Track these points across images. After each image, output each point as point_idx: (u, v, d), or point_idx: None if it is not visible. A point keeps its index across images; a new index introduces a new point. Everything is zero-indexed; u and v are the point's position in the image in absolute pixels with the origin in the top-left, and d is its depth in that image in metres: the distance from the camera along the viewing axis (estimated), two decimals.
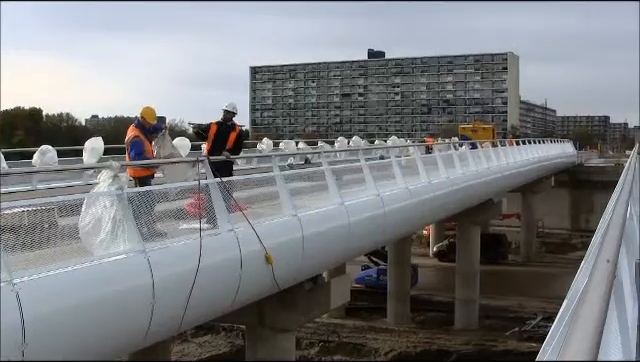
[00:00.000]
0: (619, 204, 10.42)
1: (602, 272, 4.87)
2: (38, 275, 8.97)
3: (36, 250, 9.65)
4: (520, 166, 46.24)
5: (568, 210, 73.83)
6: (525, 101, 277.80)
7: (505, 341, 36.50)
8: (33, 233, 9.87)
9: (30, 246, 9.54)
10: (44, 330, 8.75)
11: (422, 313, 42.12)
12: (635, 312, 9.68)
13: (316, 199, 18.13)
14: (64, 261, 9.67)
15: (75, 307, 9.41)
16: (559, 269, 48.68)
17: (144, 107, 15.37)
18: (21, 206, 10.63)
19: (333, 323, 38.73)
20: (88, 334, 9.71)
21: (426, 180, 25.66)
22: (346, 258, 22.79)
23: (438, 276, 52.47)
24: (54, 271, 9.25)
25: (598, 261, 5.21)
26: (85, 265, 9.82)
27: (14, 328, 8.30)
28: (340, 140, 46.55)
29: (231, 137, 16.81)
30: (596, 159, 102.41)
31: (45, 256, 9.62)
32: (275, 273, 14.07)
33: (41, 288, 8.94)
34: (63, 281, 9.33)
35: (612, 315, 5.68)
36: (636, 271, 12.32)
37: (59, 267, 9.40)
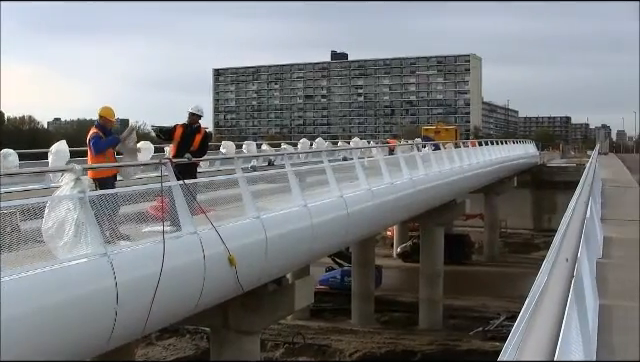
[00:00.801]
0: (579, 204, 10.54)
1: (561, 271, 4.93)
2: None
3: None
4: (483, 167, 46.47)
5: (530, 210, 74.36)
6: (488, 102, 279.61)
7: (469, 341, 36.66)
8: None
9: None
10: (5, 334, 8.68)
11: (386, 314, 42.16)
12: (596, 310, 9.81)
13: (279, 201, 18.14)
14: (26, 265, 9.61)
15: (37, 311, 9.35)
16: (522, 269, 48.95)
17: (103, 106, 15.29)
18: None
19: (298, 325, 38.68)
20: (50, 338, 9.66)
21: (389, 181, 25.74)
22: (310, 259, 22.80)
23: (402, 277, 52.58)
24: (16, 275, 9.19)
25: (557, 260, 5.28)
26: (47, 269, 9.76)
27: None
28: (303, 142, 46.55)
29: (196, 139, 16.78)
30: (558, 159, 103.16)
31: (7, 260, 9.54)
32: (239, 275, 14.07)
33: (2, 293, 8.86)
34: (25, 285, 9.27)
35: (573, 313, 5.75)
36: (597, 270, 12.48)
37: (21, 271, 9.34)
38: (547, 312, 3.68)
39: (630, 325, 9.93)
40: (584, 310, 6.94)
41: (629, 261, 14.99)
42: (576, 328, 6.24)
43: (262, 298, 18.03)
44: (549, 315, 3.61)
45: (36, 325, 9.29)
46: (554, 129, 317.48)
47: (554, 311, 3.70)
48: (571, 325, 5.48)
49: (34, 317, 9.29)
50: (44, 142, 23.67)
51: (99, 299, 10.53)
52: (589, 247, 10.95)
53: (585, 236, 10.00)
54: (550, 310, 3.72)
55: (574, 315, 6.03)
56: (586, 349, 6.69)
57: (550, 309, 3.74)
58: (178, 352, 35.82)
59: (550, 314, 3.63)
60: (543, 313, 3.66)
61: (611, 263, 14.38)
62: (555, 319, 3.56)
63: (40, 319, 9.37)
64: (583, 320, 6.74)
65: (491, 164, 50.46)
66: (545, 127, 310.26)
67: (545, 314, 3.63)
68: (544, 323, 3.46)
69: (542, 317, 3.57)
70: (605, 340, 8.90)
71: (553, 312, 3.68)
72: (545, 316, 3.59)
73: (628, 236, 18.60)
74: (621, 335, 9.38)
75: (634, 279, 13.14)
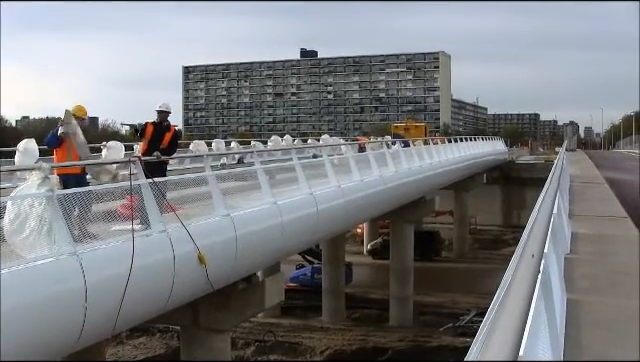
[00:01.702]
0: (545, 201, 10.61)
1: (526, 267, 4.96)
2: None
3: None
4: (452, 164, 46.64)
5: (500, 206, 74.69)
6: (457, 99, 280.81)
7: (439, 337, 36.83)
8: None
9: None
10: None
11: (357, 311, 42.26)
12: (564, 306, 9.89)
13: (249, 199, 18.12)
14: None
15: (5, 311, 9.28)
16: (492, 265, 49.12)
17: (76, 105, 15.21)
18: None
19: (269, 322, 38.72)
20: (19, 338, 9.60)
21: (359, 179, 25.78)
22: (280, 257, 22.81)
23: (372, 274, 52.68)
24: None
25: (523, 256, 5.31)
26: (14, 269, 9.70)
27: None
28: (273, 139, 46.47)
29: (166, 137, 16.75)
30: (527, 156, 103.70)
31: None
32: (209, 273, 14.04)
33: None
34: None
35: (540, 309, 5.79)
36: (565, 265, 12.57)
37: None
38: (512, 308, 3.69)
39: (597, 320, 10.02)
40: (552, 305, 6.99)
41: (596, 256, 15.13)
42: (544, 323, 6.28)
43: (232, 296, 18.02)
44: (514, 311, 3.62)
45: (4, 325, 9.22)
46: (523, 126, 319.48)
47: (519, 307, 3.72)
48: (538, 320, 5.52)
49: (3, 318, 9.22)
50: (12, 140, 23.40)
51: (68, 298, 10.47)
52: (557, 243, 11.03)
53: (553, 232, 10.07)
54: (515, 306, 3.73)
55: (541, 310, 6.07)
56: (554, 344, 6.74)
57: (515, 305, 3.75)
58: (148, 351, 35.74)
59: (515, 310, 3.64)
60: (508, 310, 3.67)
61: (579, 258, 14.49)
62: (520, 315, 3.57)
63: (8, 319, 9.29)
64: (551, 315, 6.78)
65: (460, 161, 50.63)
66: (514, 124, 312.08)
67: (510, 310, 3.64)
68: (509, 320, 3.47)
69: (507, 314, 3.58)
70: (573, 335, 8.97)
71: (518, 308, 3.69)
72: (510, 312, 3.60)
73: (595, 232, 18.76)
74: (589, 330, 9.46)
75: (601, 274, 13.27)
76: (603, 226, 20.13)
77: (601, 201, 27.09)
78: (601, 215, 22.56)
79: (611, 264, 14.38)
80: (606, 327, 9.69)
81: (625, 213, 22.99)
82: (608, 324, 9.84)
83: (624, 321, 10.04)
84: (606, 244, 17.03)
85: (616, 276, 13.17)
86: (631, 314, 10.48)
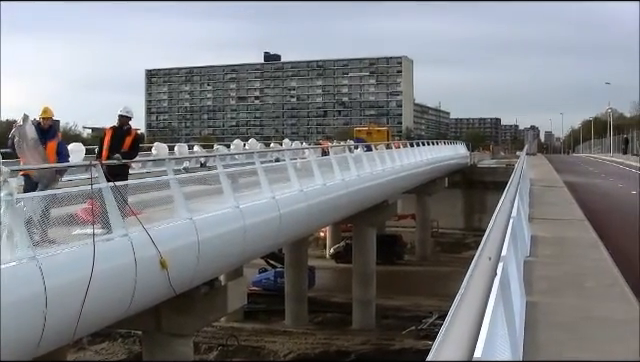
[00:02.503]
0: (504, 205, 10.75)
1: (483, 270, 5.03)
2: None
3: None
4: (414, 168, 46.81)
5: (462, 210, 75.02)
6: (419, 104, 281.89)
7: (402, 340, 36.98)
8: None
9: None
10: None
11: (320, 314, 42.30)
12: (523, 308, 10.01)
13: (211, 203, 18.11)
14: None
15: None
16: (454, 268, 49.23)
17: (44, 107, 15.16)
18: None
19: (232, 327, 38.65)
20: None
21: (321, 182, 25.84)
22: (242, 261, 22.80)
23: (335, 277, 52.70)
24: None
25: (480, 260, 5.39)
26: None
27: None
28: (236, 143, 46.40)
29: (127, 141, 16.70)
30: (488, 160, 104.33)
31: None
32: (171, 277, 14.02)
33: None
34: None
35: (498, 311, 5.88)
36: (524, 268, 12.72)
37: None
38: (467, 311, 3.74)
39: (555, 321, 10.16)
40: (510, 308, 7.08)
41: (555, 259, 15.31)
42: (502, 326, 6.38)
43: (195, 300, 17.98)
44: (469, 314, 3.67)
45: None
46: (484, 130, 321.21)
47: (474, 310, 3.76)
48: (497, 323, 5.60)
49: None
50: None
51: (27, 303, 10.41)
52: (516, 246, 11.16)
53: (512, 235, 10.20)
54: (470, 309, 3.78)
55: (500, 313, 6.15)
56: (513, 346, 6.84)
57: (470, 308, 3.80)
58: (110, 356, 35.55)
59: (470, 313, 3.69)
60: (463, 312, 3.73)
61: (538, 261, 14.66)
62: (475, 318, 3.62)
63: None
64: (509, 318, 6.87)
65: (423, 165, 50.85)
66: (476, 128, 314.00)
67: (465, 313, 3.70)
68: (463, 322, 3.52)
69: (461, 316, 3.64)
70: (531, 336, 9.09)
71: (473, 311, 3.74)
72: (465, 315, 3.65)
73: (555, 234, 18.97)
74: (547, 332, 9.59)
75: (560, 277, 13.44)
76: (562, 229, 20.36)
77: (560, 204, 27.39)
78: (560, 218, 22.82)
79: (569, 266, 14.57)
80: (564, 328, 9.83)
81: (583, 216, 23.28)
82: (566, 325, 9.98)
83: (581, 322, 10.19)
84: (565, 247, 17.24)
85: (574, 278, 13.35)
86: (588, 315, 10.64)
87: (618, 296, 11.88)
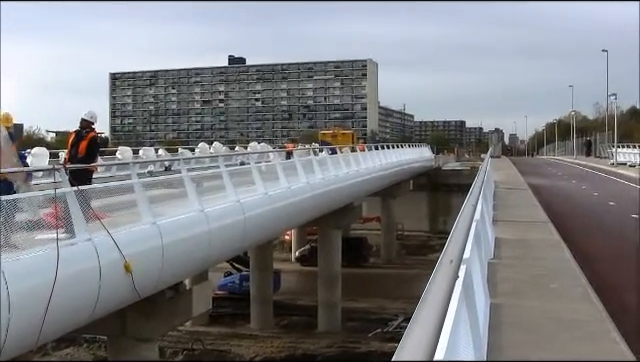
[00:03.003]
0: (467, 208, 10.82)
1: (444, 273, 5.06)
2: None
3: None
4: (379, 170, 46.90)
5: (427, 212, 75.32)
6: (384, 107, 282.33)
7: (368, 342, 37.03)
8: None
9: None
10: None
11: (286, 318, 42.29)
12: (487, 310, 10.08)
13: (176, 206, 18.05)
14: None
15: None
16: (419, 270, 49.46)
17: (4, 113, 15.07)
18: None
19: (197, 331, 38.52)
20: None
21: (286, 186, 25.84)
22: (207, 265, 22.71)
23: (301, 280, 52.73)
24: None
25: (442, 262, 5.42)
26: None
27: None
28: (201, 146, 46.34)
29: (82, 145, 16.58)
30: (453, 163, 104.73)
31: None
32: (135, 282, 13.96)
33: None
34: None
35: (461, 313, 5.92)
36: (488, 270, 12.81)
37: None
38: (428, 313, 3.75)
39: (519, 323, 10.25)
40: (474, 309, 7.12)
41: (518, 261, 15.44)
42: (465, 328, 6.41)
43: (159, 305, 17.92)
44: (430, 316, 3.68)
45: None
46: (449, 133, 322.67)
47: (435, 312, 3.77)
48: (459, 325, 5.63)
49: None
50: None
51: None
52: (480, 248, 11.23)
53: (476, 237, 10.27)
54: (431, 311, 3.79)
55: (463, 315, 6.19)
56: (476, 347, 6.89)
57: (431, 310, 3.81)
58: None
59: (431, 315, 3.70)
60: (424, 314, 3.74)
61: (502, 263, 14.78)
62: (436, 320, 3.63)
63: None
64: (473, 319, 6.91)
65: (387, 168, 50.95)
66: (440, 131, 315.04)
67: (426, 315, 3.71)
68: (424, 324, 3.53)
69: (423, 318, 3.65)
70: (496, 338, 9.16)
71: (434, 313, 3.75)
72: (426, 317, 3.66)
73: (518, 236, 19.14)
74: (511, 333, 9.67)
75: (523, 278, 13.55)
76: (526, 231, 20.55)
77: (524, 206, 27.64)
78: (524, 220, 23.03)
79: (533, 268, 14.71)
80: (527, 329, 9.92)
81: (547, 218, 23.51)
82: (529, 327, 10.07)
83: (545, 323, 10.29)
84: (528, 249, 17.39)
85: (538, 279, 13.48)
86: (552, 316, 10.75)
87: (581, 297, 12.01)
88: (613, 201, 33.12)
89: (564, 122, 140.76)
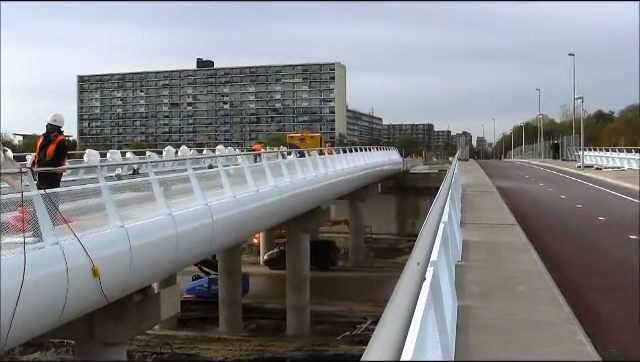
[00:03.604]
0: (434, 211, 10.88)
1: (411, 276, 5.08)
2: None
3: None
4: (347, 173, 46.99)
5: (395, 215, 75.50)
6: (352, 110, 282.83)
7: (337, 345, 37.08)
8: None
9: None
10: None
11: (254, 321, 42.24)
12: (455, 312, 10.14)
13: (144, 210, 18.00)
14: None
15: None
16: (387, 273, 49.54)
17: None
18: None
19: (165, 335, 38.38)
20: None
21: (254, 189, 25.83)
22: (175, 268, 22.67)
23: (269, 284, 52.68)
24: None
25: (409, 265, 5.45)
26: None
27: None
28: (168, 149, 46.20)
29: (50, 149, 16.50)
30: (421, 166, 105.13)
31: None
32: (103, 286, 13.91)
33: None
34: None
35: (429, 316, 5.95)
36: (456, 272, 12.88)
37: None
38: (395, 315, 3.75)
39: (487, 325, 10.31)
40: (442, 311, 7.16)
41: (486, 263, 15.53)
42: (433, 329, 6.45)
43: (127, 308, 17.85)
44: (396, 319, 3.68)
45: None
46: (417, 136, 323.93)
47: (401, 315, 3.77)
48: (427, 326, 5.66)
49: None
50: None
51: None
52: (448, 251, 11.29)
53: (444, 240, 10.32)
54: (398, 314, 3.79)
55: (430, 317, 6.23)
56: (444, 349, 6.93)
57: (398, 313, 3.82)
58: None
59: (397, 318, 3.70)
60: (390, 317, 3.74)
61: (469, 266, 14.85)
62: (402, 322, 3.63)
63: None
64: (441, 321, 6.96)
65: (355, 171, 51.06)
66: (408, 134, 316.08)
67: (392, 318, 3.71)
68: (391, 325, 3.54)
69: (389, 321, 3.66)
70: (463, 340, 9.22)
71: (400, 316, 3.75)
72: (392, 320, 3.66)
73: (486, 239, 19.24)
74: (478, 335, 9.73)
75: (491, 280, 13.63)
76: (493, 233, 20.66)
77: (492, 209, 27.78)
78: (492, 223, 23.14)
79: (500, 270, 14.80)
80: (495, 331, 9.98)
81: (514, 220, 23.65)
82: (497, 328, 10.14)
83: (512, 325, 10.36)
84: (496, 251, 17.49)
85: (505, 282, 13.56)
86: (519, 318, 10.83)
87: (548, 299, 12.10)
88: (580, 204, 33.38)
89: (531, 125, 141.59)
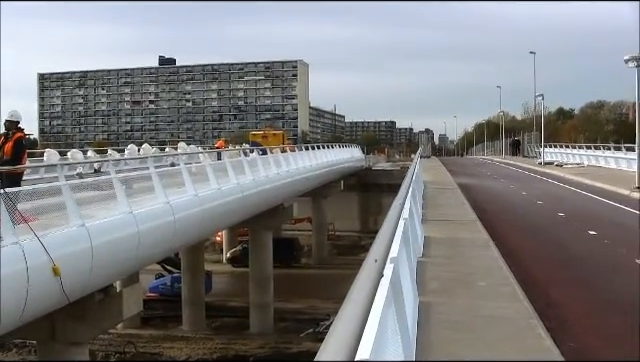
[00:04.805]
0: (395, 207, 10.93)
1: (368, 273, 5.09)
2: None
3: None
4: (310, 171, 47.01)
5: (358, 212, 75.57)
6: (315, 107, 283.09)
7: (300, 343, 37.09)
8: None
9: None
10: None
11: (218, 319, 42.14)
12: (416, 308, 10.20)
13: (105, 208, 17.92)
14: None
15: None
16: (350, 270, 49.02)
17: None
18: None
19: (128, 334, 38.18)
20: None
21: (216, 187, 25.79)
22: (137, 267, 22.57)
23: (232, 282, 52.66)
24: None
25: (367, 262, 5.46)
26: None
27: None
28: (130, 148, 45.93)
29: (7, 147, 16.37)
30: (383, 163, 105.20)
31: None
32: (64, 285, 13.83)
33: None
34: None
35: (388, 313, 5.99)
36: (418, 269, 12.95)
37: None
38: (349, 315, 3.74)
39: (448, 320, 10.39)
40: (402, 308, 7.19)
41: (448, 259, 15.64)
42: (394, 326, 6.48)
43: (89, 308, 17.77)
44: (351, 317, 3.66)
45: None
46: (380, 133, 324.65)
47: (357, 313, 3.76)
48: (386, 324, 5.69)
49: None
50: None
51: None
52: (409, 247, 11.35)
53: (404, 236, 10.38)
54: (353, 312, 3.78)
55: (391, 314, 6.26)
56: (405, 345, 6.97)
57: (353, 311, 3.80)
58: None
59: (353, 316, 3.68)
60: (346, 316, 3.73)
61: (431, 262, 14.96)
62: (357, 321, 3.62)
63: None
64: (401, 318, 6.99)
65: (318, 168, 51.07)
66: (371, 131, 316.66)
67: (347, 317, 3.70)
68: (345, 326, 3.52)
69: (344, 320, 3.64)
70: (424, 336, 9.28)
71: (356, 314, 3.74)
72: (347, 319, 3.65)
73: (447, 235, 19.38)
74: (439, 331, 9.81)
75: (452, 277, 13.73)
76: (455, 230, 20.81)
77: (453, 206, 27.97)
78: (453, 219, 23.31)
79: (462, 266, 14.91)
80: (456, 327, 10.06)
81: (476, 217, 23.82)
82: (458, 324, 10.22)
83: (473, 321, 10.45)
84: (457, 247, 17.63)
85: (466, 278, 13.68)
86: (480, 314, 10.93)
87: (508, 294, 12.22)
88: (541, 200, 33.66)
89: (493, 122, 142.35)
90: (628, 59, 38.49)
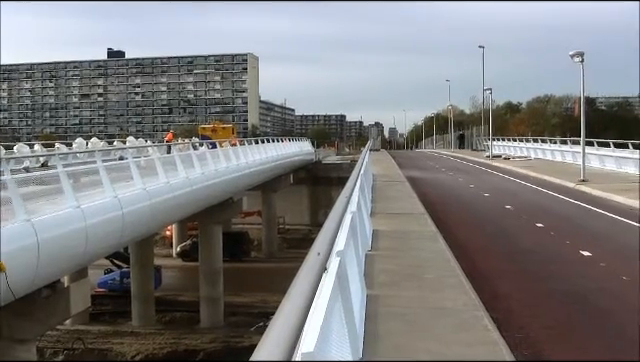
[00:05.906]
0: (340, 200, 10.94)
1: (311, 266, 5.07)
2: None
3: None
4: (259, 164, 46.98)
5: (307, 206, 75.69)
6: (265, 101, 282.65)
7: (251, 336, 37.02)
8: None
9: None
10: None
11: (168, 314, 41.99)
12: (364, 301, 10.22)
13: (52, 203, 17.74)
14: None
15: None
16: (300, 264, 49.70)
17: None
18: None
19: (77, 330, 37.90)
20: None
21: (165, 181, 25.68)
22: (85, 262, 22.38)
23: (183, 276, 52.46)
24: None
25: (310, 256, 5.44)
26: None
27: None
28: (78, 141, 45.54)
29: None
30: (333, 156, 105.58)
31: None
32: (9, 281, 13.69)
33: None
34: None
35: (334, 306, 6.00)
36: (366, 262, 12.98)
37: None
38: (289, 311, 3.69)
39: (396, 313, 10.43)
40: (349, 301, 7.19)
41: (396, 252, 15.71)
42: (340, 319, 6.49)
43: (36, 304, 17.61)
44: (291, 314, 3.62)
45: None
46: (330, 127, 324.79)
47: (297, 309, 3.72)
48: (332, 317, 5.69)
49: None
50: None
51: None
52: (357, 240, 11.37)
53: (352, 229, 10.40)
54: (293, 308, 3.73)
55: (336, 307, 6.26)
56: (351, 338, 6.98)
57: (293, 307, 3.76)
58: None
59: (292, 312, 3.64)
60: (285, 312, 3.69)
61: (379, 254, 15.01)
62: (297, 317, 3.58)
63: None
64: (348, 310, 6.99)
65: (267, 162, 51.09)
66: (321, 125, 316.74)
67: (286, 313, 3.65)
68: (284, 322, 3.48)
69: (283, 316, 3.60)
70: (372, 328, 9.31)
71: (295, 310, 3.69)
72: (286, 315, 3.61)
73: (396, 228, 19.46)
74: (387, 323, 9.84)
75: (399, 269, 13.79)
76: (403, 223, 20.92)
77: (402, 199, 28.10)
78: (402, 212, 23.42)
79: (410, 259, 14.98)
80: (404, 319, 10.10)
81: (424, 210, 23.95)
82: (406, 316, 10.27)
83: (421, 313, 10.51)
84: (405, 240, 17.71)
85: (414, 270, 13.74)
86: (428, 306, 11.00)
87: (455, 286, 12.29)
88: (488, 193, 33.93)
89: (442, 116, 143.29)
90: (573, 54, 39.09)
